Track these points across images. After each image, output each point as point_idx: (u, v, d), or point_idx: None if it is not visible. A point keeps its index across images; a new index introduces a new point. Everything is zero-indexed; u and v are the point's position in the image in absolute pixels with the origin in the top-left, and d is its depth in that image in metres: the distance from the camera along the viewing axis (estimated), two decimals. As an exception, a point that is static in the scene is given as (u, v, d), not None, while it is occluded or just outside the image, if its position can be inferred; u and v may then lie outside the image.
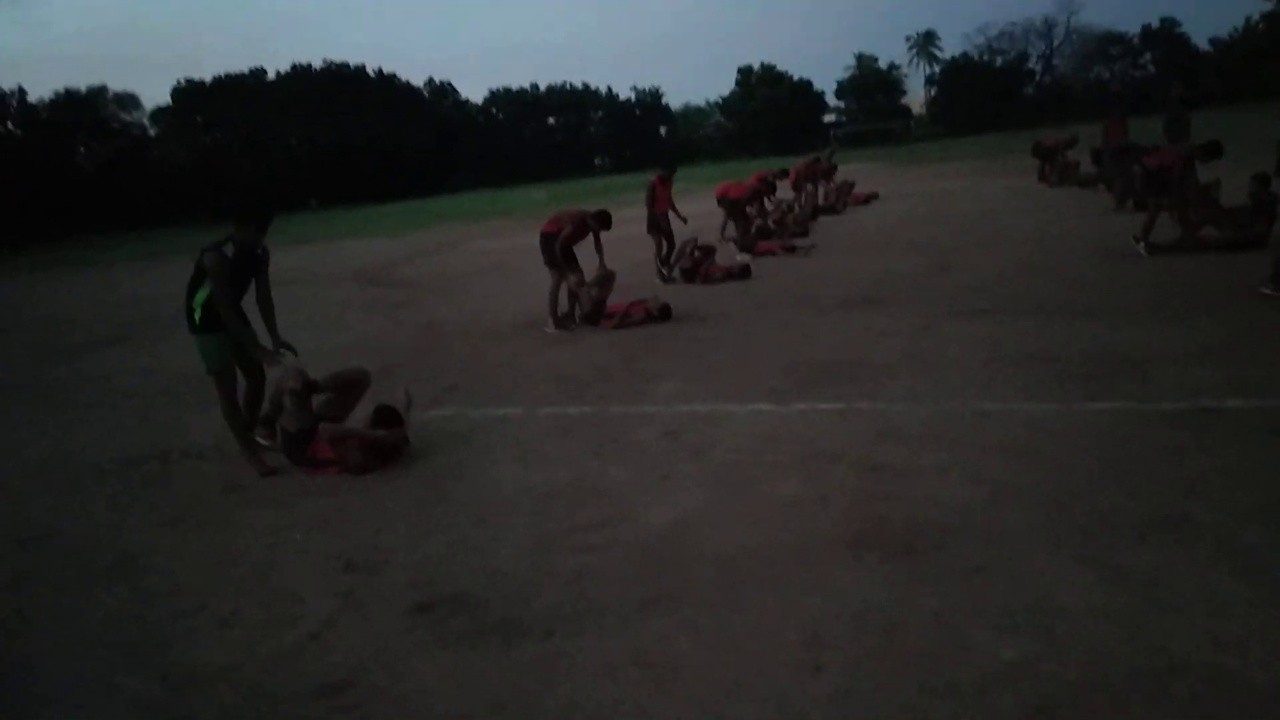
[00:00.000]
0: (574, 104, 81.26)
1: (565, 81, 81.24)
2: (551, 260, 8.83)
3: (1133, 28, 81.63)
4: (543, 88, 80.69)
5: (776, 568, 3.44)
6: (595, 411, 5.86)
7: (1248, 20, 70.92)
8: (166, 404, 7.47)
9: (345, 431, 5.17)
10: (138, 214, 49.36)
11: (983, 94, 74.38)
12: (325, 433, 5.14)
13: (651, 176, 11.97)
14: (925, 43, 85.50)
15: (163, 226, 45.26)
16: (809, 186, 17.94)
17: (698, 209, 14.83)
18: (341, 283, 15.10)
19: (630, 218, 12.89)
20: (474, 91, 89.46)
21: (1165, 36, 76.19)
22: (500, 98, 79.50)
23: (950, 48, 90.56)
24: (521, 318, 9.70)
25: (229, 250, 5.25)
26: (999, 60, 79.99)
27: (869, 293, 9.06)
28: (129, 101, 62.04)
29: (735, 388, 6.06)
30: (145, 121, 63.22)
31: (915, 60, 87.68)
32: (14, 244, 39.60)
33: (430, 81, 76.00)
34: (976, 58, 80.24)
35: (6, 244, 39.45)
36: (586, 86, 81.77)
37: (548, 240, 8.83)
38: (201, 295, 5.24)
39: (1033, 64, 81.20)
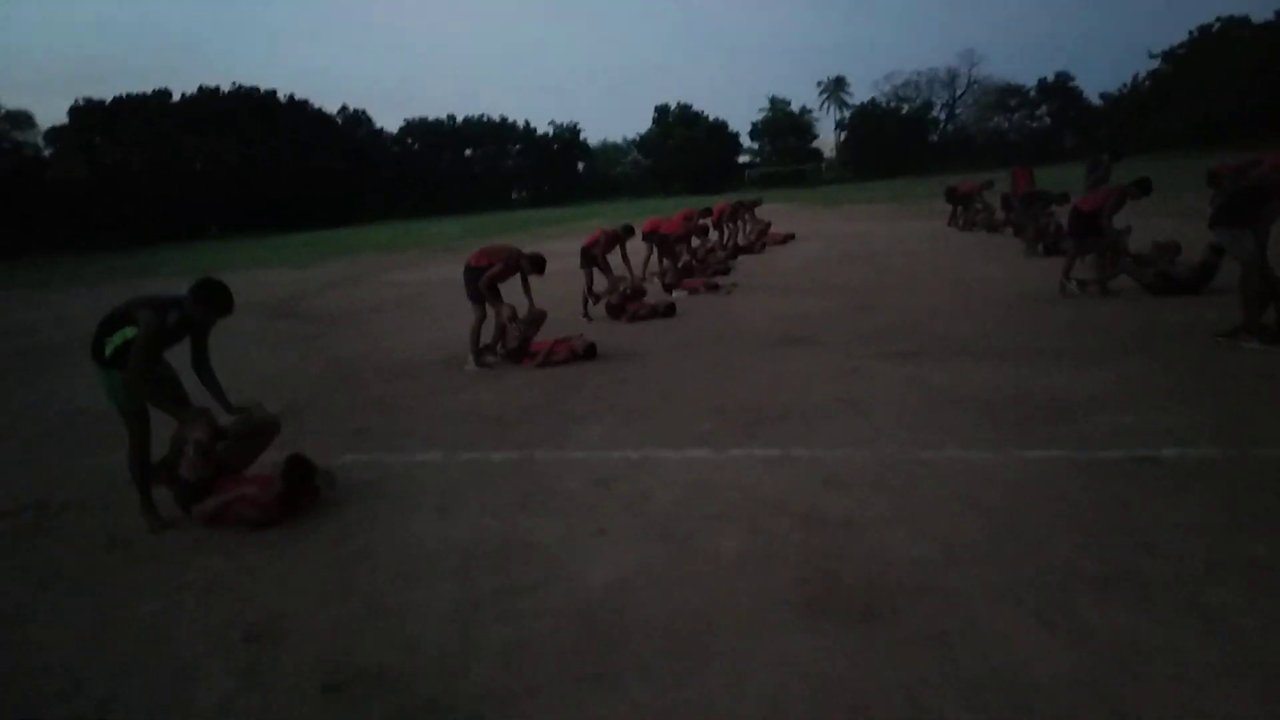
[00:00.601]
0: (492, 135, 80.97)
1: (483, 114, 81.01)
2: (475, 294, 8.49)
3: (1030, 80, 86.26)
4: (459, 119, 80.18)
5: (727, 636, 3.19)
6: (520, 457, 5.54)
7: (1135, 76, 75.64)
8: (49, 446, 6.81)
9: (248, 480, 4.74)
10: (30, 237, 46.74)
11: (890, 139, 77.22)
12: (224, 483, 4.70)
13: (606, 226, 11.75)
14: (835, 88, 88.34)
15: (57, 250, 42.91)
16: (730, 225, 18.04)
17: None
18: (247, 315, 14.36)
19: (554, 251, 12.63)
20: (389, 121, 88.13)
21: (1060, 90, 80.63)
22: (416, 127, 78.61)
23: (859, 94, 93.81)
24: (437, 353, 9.31)
25: (171, 319, 4.64)
26: (905, 107, 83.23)
27: (794, 332, 8.98)
28: (22, 120, 58.97)
29: (667, 431, 5.82)
30: (39, 141, 60.22)
31: (826, 104, 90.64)
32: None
33: (344, 109, 74.72)
34: (884, 104, 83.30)
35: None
36: (504, 119, 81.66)
37: (473, 273, 8.49)
38: (118, 338, 4.60)
39: (937, 112, 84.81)
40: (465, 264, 8.65)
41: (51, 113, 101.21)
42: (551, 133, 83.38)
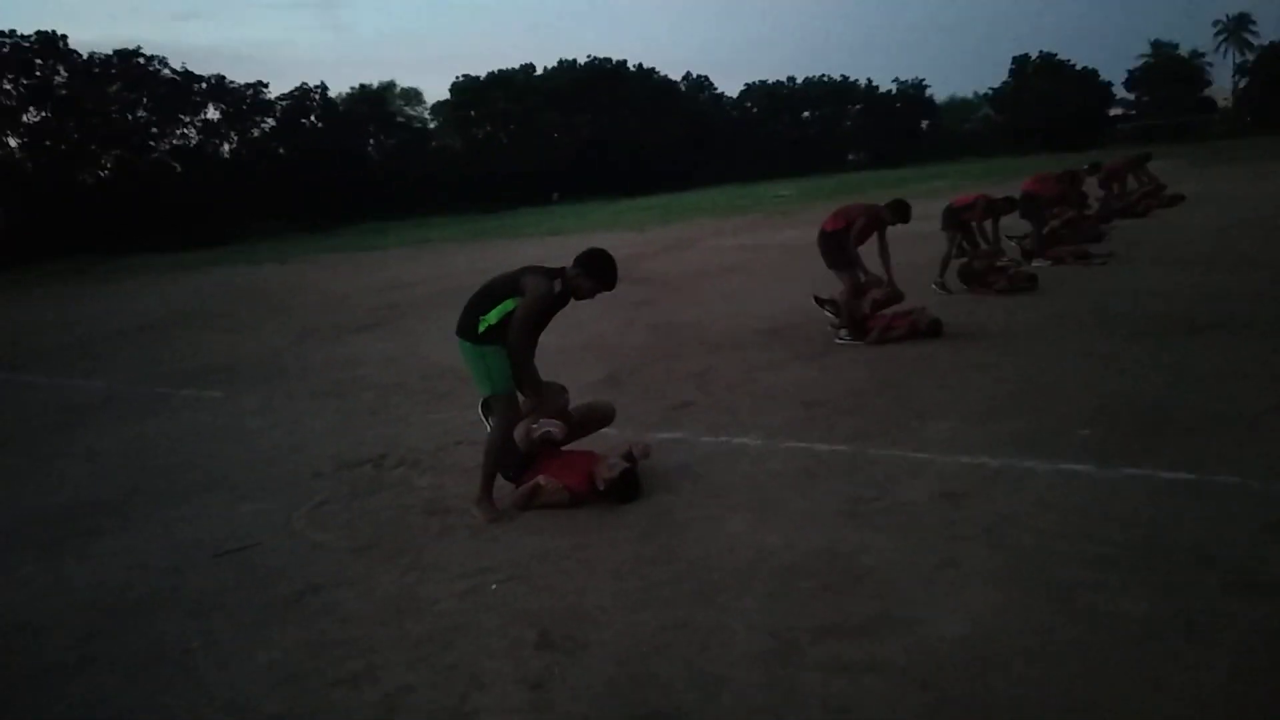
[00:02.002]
0: (830, 96, 78.88)
1: (823, 74, 79.10)
2: (838, 260, 7.73)
3: None
4: (799, 80, 79.01)
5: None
6: (850, 452, 4.82)
7: None
8: (398, 398, 7.25)
9: (560, 463, 4.51)
10: (416, 201, 53.25)
11: (1309, 84, 64.22)
12: (543, 463, 4.52)
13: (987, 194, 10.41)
14: (1237, 27, 75.02)
15: (436, 214, 48.45)
16: (1118, 185, 15.64)
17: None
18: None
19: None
20: (730, 85, 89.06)
21: None
22: (756, 91, 78.61)
23: (1267, 33, 78.55)
24: (762, 323, 8.76)
25: (557, 286, 4.45)
26: (1332, 45, 68.65)
27: (1198, 315, 7.29)
28: (413, 96, 67.35)
29: (1033, 436, 4.79)
30: (426, 115, 68.36)
31: (1223, 47, 77.17)
32: (313, 227, 43.84)
33: (687, 75, 76.55)
34: (1303, 42, 69.35)
35: (306, 228, 43.76)
36: (845, 78, 79.12)
37: (830, 239, 7.74)
38: (498, 312, 4.36)
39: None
40: (820, 230, 7.92)
41: (438, 89, 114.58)
42: (895, 90, 79.52)
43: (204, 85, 52.63)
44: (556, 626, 3.24)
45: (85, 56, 47.24)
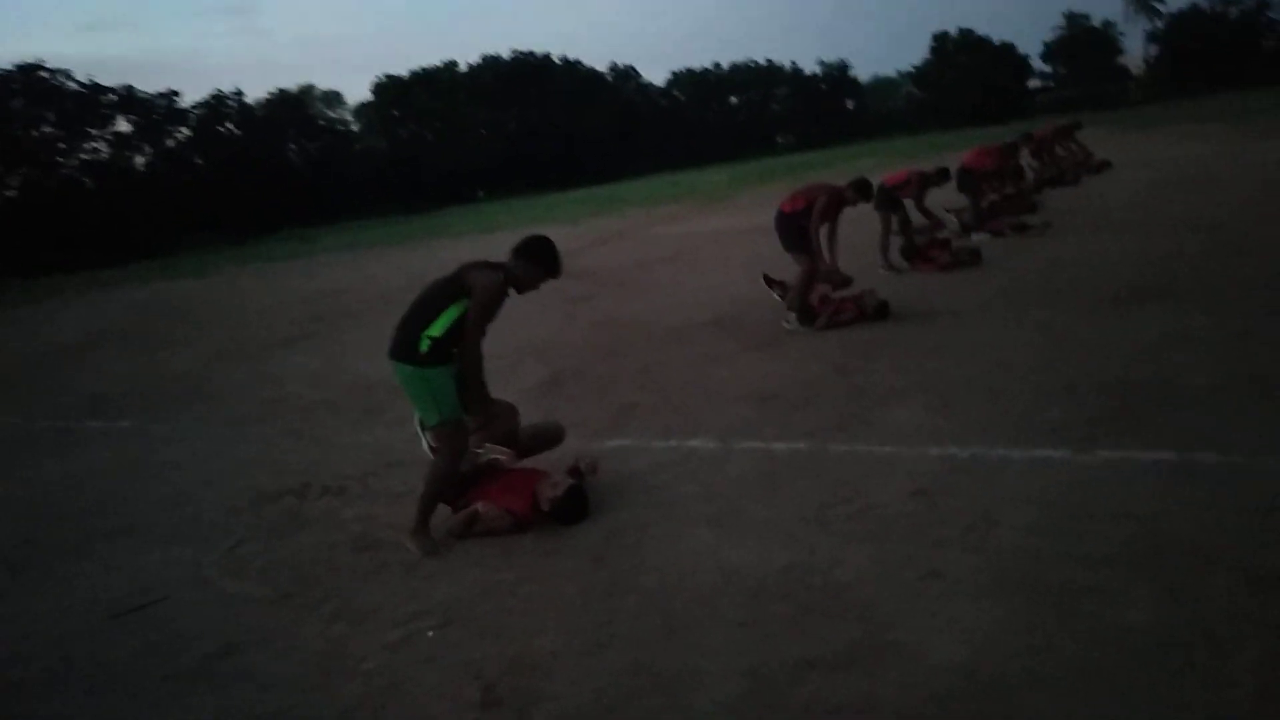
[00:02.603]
0: (756, 81, 79.07)
1: (749, 59, 79.24)
2: (796, 244, 7.33)
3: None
4: (725, 66, 79.04)
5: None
6: (810, 450, 4.53)
7: None
8: (324, 417, 6.76)
9: (499, 486, 4.13)
10: (342, 206, 51.86)
11: (1217, 49, 66.30)
12: (482, 487, 4.14)
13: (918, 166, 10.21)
14: (1145, -5, 77.12)
15: (360, 218, 47.22)
16: (1049, 156, 15.71)
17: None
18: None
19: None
20: (656, 74, 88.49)
21: None
22: (683, 79, 78.38)
23: (1174, 0, 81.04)
24: (706, 314, 8.44)
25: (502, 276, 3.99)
26: (1233, 10, 71.03)
27: (1143, 283, 7.17)
28: (333, 99, 65.76)
29: (1000, 420, 4.55)
30: (348, 117, 66.75)
31: (1133, 16, 79.33)
32: (236, 238, 42.38)
33: (614, 66, 76.00)
34: (1208, 9, 71.66)
35: (229, 239, 42.28)
36: (770, 63, 79.36)
37: (788, 220, 7.36)
38: (443, 322, 3.88)
39: (1275, 12, 71.58)
40: (778, 211, 7.53)
41: (359, 92, 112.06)
42: (819, 72, 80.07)
43: (113, 97, 50.27)
44: (503, 678, 2.87)
45: (-15, 73, 44.94)
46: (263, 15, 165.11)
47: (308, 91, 64.24)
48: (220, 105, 55.81)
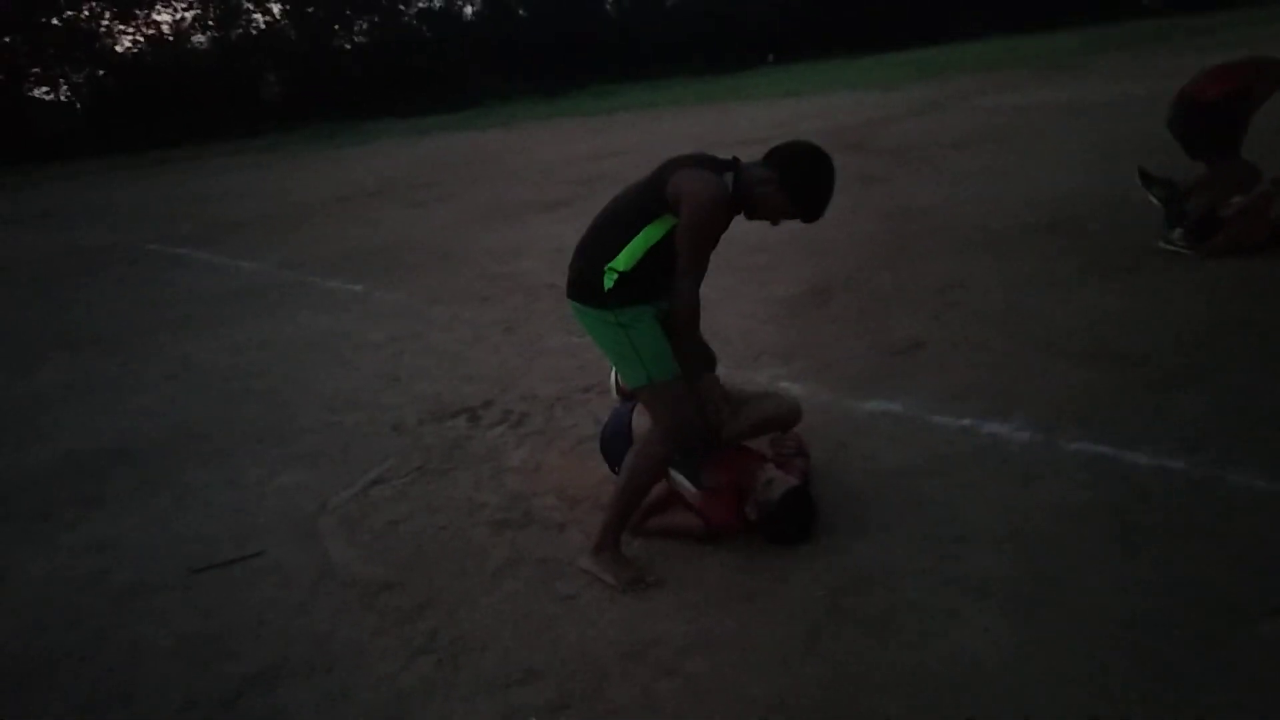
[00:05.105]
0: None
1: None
2: (1206, 145, 4.98)
3: None
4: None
5: None
6: (1195, 476, 2.76)
7: None
8: (543, 306, 5.80)
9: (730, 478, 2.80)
10: (650, 61, 51.02)
11: None
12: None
13: None
14: None
15: (668, 77, 46.10)
16: None
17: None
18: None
19: None
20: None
21: None
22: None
23: None
24: (1037, 214, 6.36)
25: (729, 184, 2.56)
26: None
27: None
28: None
29: None
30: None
31: None
32: (550, 89, 43.19)
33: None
34: None
35: (543, 91, 43.17)
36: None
37: (1211, 112, 4.85)
38: (635, 249, 2.55)
39: None
40: (1181, 96, 5.02)
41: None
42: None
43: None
44: None
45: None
46: None
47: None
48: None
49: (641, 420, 2.89)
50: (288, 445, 3.99)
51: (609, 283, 2.56)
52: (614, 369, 3.17)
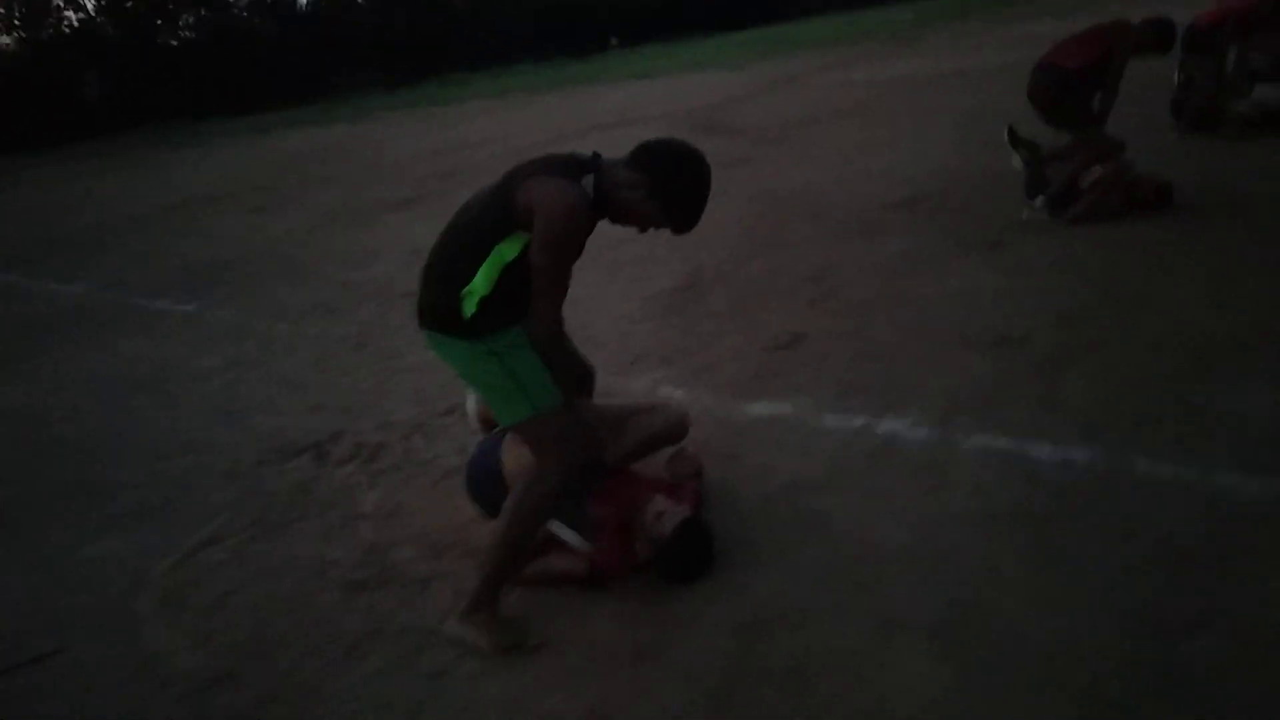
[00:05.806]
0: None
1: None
2: (1065, 113, 5.03)
3: None
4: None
5: None
6: (1099, 467, 2.65)
7: None
8: (398, 319, 5.34)
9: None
10: (498, 50, 50.02)
11: None
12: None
13: None
14: None
15: (517, 62, 45.28)
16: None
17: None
18: (671, 129, 12.37)
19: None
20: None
21: None
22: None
23: None
24: (901, 191, 6.33)
25: (589, 188, 2.22)
26: None
27: None
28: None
29: None
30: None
31: None
32: (396, 81, 41.69)
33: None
34: None
35: (390, 82, 41.66)
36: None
37: (1072, 80, 4.92)
38: (489, 270, 2.18)
39: None
40: (1043, 65, 5.04)
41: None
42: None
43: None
44: None
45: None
46: None
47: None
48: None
49: (514, 454, 2.55)
50: (101, 505, 3.45)
51: (470, 308, 2.19)
52: (471, 393, 2.82)
